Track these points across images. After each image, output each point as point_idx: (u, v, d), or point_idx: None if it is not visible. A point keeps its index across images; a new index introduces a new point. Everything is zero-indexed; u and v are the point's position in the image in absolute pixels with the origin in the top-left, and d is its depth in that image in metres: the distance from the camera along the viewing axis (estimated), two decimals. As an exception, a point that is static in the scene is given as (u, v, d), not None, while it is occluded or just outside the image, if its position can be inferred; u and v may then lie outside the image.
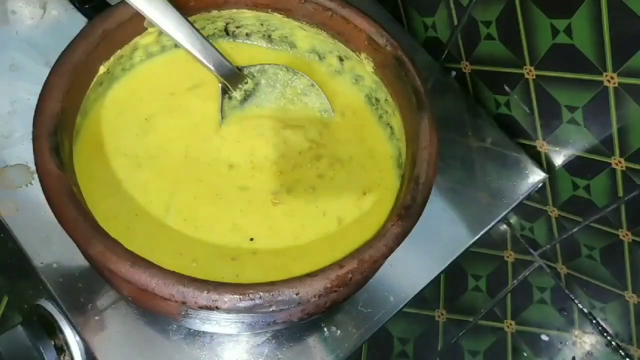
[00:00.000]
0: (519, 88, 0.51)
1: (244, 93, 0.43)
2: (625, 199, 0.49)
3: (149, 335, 0.40)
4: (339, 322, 0.43)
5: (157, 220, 0.37)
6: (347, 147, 0.42)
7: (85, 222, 0.30)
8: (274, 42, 0.46)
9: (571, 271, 0.59)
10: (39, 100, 0.34)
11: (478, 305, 0.61)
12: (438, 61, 0.58)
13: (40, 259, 0.41)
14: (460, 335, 0.60)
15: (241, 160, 0.40)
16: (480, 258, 0.62)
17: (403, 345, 0.60)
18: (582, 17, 0.43)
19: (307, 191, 0.40)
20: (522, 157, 0.53)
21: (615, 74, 0.43)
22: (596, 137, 0.48)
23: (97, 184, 0.37)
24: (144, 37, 0.41)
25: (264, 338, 0.42)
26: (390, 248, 0.33)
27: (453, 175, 0.51)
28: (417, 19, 0.58)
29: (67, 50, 0.36)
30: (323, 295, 0.31)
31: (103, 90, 0.41)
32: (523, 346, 0.60)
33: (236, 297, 0.29)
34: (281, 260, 0.37)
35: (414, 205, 0.34)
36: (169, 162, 0.39)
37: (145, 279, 0.29)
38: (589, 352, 0.59)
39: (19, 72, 0.48)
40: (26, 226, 0.42)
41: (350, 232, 0.38)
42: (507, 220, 0.63)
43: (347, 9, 0.41)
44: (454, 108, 0.55)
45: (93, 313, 0.40)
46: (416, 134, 0.37)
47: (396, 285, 0.45)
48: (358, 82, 0.45)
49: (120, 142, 0.39)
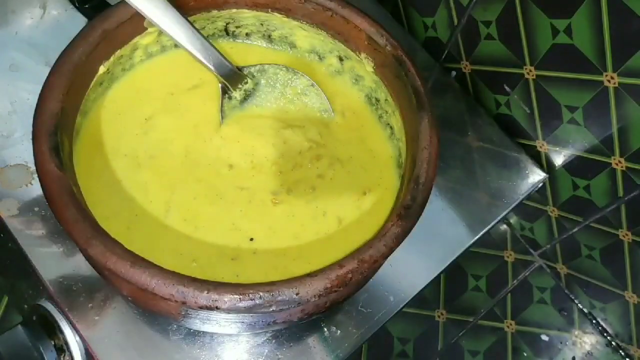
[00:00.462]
0: (519, 88, 0.51)
1: (244, 93, 0.43)
2: (626, 199, 0.49)
3: (149, 335, 0.40)
4: (339, 322, 0.43)
5: (157, 220, 0.37)
6: (347, 147, 0.42)
7: (85, 222, 0.30)
8: (274, 42, 0.46)
9: (571, 271, 0.59)
10: (39, 100, 0.34)
11: (478, 305, 0.61)
12: (438, 61, 0.58)
13: (40, 259, 0.41)
14: (460, 335, 0.60)
15: (241, 160, 0.40)
16: (480, 258, 0.62)
17: (403, 345, 0.60)
18: (582, 17, 0.43)
19: (307, 191, 0.40)
20: (522, 157, 0.53)
21: (616, 74, 0.43)
22: (596, 137, 0.48)
23: (97, 184, 0.37)
24: (144, 37, 0.41)
25: (264, 338, 0.42)
26: (390, 248, 0.33)
27: (453, 175, 0.51)
28: (417, 19, 0.58)
29: (67, 50, 0.36)
30: (323, 295, 0.31)
31: (103, 90, 0.41)
32: (523, 346, 0.60)
33: (236, 297, 0.29)
34: (281, 260, 0.37)
35: (414, 205, 0.34)
36: (169, 162, 0.39)
37: (145, 279, 0.29)
38: (589, 352, 0.59)
39: (19, 72, 0.48)
40: (26, 226, 0.42)
41: (350, 232, 0.38)
42: (507, 220, 0.63)
43: (347, 9, 0.41)
44: (454, 108, 0.55)
45: (93, 313, 0.40)
46: (416, 134, 0.37)
47: (396, 285, 0.45)
48: (358, 82, 0.45)
49: (120, 142, 0.39)
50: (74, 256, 0.41)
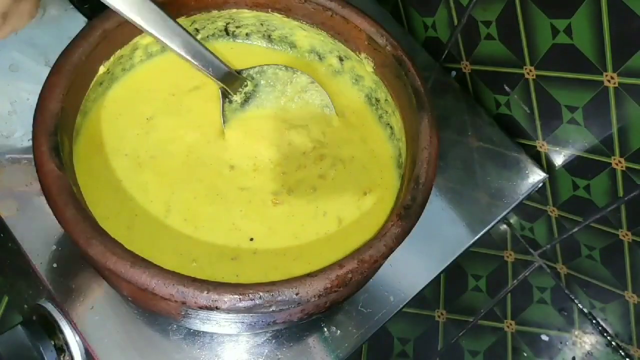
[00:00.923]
0: (519, 88, 0.51)
1: (244, 95, 0.43)
2: (626, 199, 0.49)
3: (149, 335, 0.40)
4: (339, 322, 0.43)
5: (157, 220, 0.37)
6: (348, 147, 0.42)
7: (85, 222, 0.30)
8: (274, 42, 0.46)
9: (571, 271, 0.59)
10: (39, 100, 0.34)
11: (478, 305, 0.61)
12: (438, 61, 0.58)
13: (40, 259, 0.41)
14: (460, 335, 0.60)
15: (243, 162, 0.40)
16: (480, 258, 0.62)
17: (403, 345, 0.60)
18: (582, 17, 0.43)
19: (308, 191, 0.40)
20: (522, 157, 0.53)
21: (616, 74, 0.43)
22: (596, 137, 0.48)
23: (97, 184, 0.37)
24: (144, 37, 0.40)
25: (264, 338, 0.42)
26: (390, 248, 0.33)
27: (453, 175, 0.51)
28: (417, 19, 0.58)
29: (67, 50, 0.36)
30: (323, 295, 0.31)
31: (103, 90, 0.41)
32: (523, 346, 0.60)
33: (236, 297, 0.29)
34: (281, 260, 0.37)
35: (414, 205, 0.34)
36: (169, 162, 0.39)
37: (145, 279, 0.29)
38: (589, 352, 0.59)
39: (19, 72, 0.48)
40: (26, 226, 0.42)
41: (350, 232, 0.38)
42: (507, 220, 0.63)
43: (347, 9, 0.41)
44: (454, 108, 0.55)
45: (93, 313, 0.40)
46: (416, 134, 0.37)
47: (396, 285, 0.45)
48: (358, 82, 0.45)
49: (120, 142, 0.39)
50: (74, 256, 0.41)
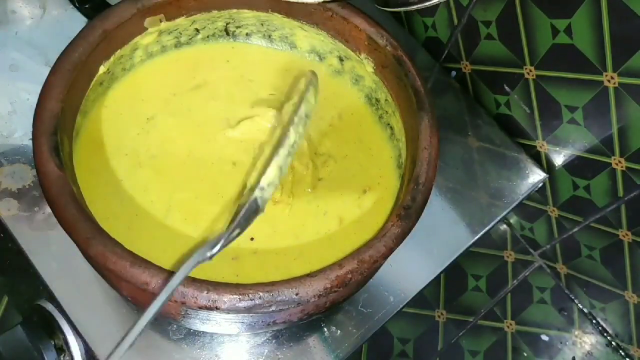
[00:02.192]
0: (519, 88, 0.51)
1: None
2: (626, 199, 0.49)
3: (149, 335, 0.40)
4: (339, 322, 0.43)
5: (157, 220, 0.37)
6: (348, 147, 0.42)
7: (85, 222, 0.30)
8: (274, 42, 0.46)
9: (571, 271, 0.59)
10: (39, 100, 0.34)
11: (478, 305, 0.61)
12: (438, 61, 0.58)
13: (40, 259, 0.41)
14: (460, 335, 0.60)
15: (244, 160, 0.40)
16: (480, 258, 0.62)
17: (403, 345, 0.60)
18: (582, 17, 0.43)
19: (308, 191, 0.40)
20: (522, 157, 0.53)
21: (616, 74, 0.43)
22: (596, 137, 0.48)
23: (97, 184, 0.37)
24: (144, 37, 0.40)
25: (264, 338, 0.42)
26: (390, 248, 0.33)
27: (453, 175, 0.51)
28: (417, 19, 0.58)
29: (67, 50, 0.36)
30: (323, 295, 0.31)
31: (103, 90, 0.41)
32: (523, 346, 0.60)
33: (236, 297, 0.29)
34: (281, 260, 0.37)
35: (414, 205, 0.34)
36: (170, 162, 0.39)
37: (145, 279, 0.29)
38: (589, 352, 0.59)
39: (19, 72, 0.48)
40: (26, 226, 0.42)
41: (350, 231, 0.38)
42: (507, 220, 0.63)
43: (347, 9, 0.41)
44: (454, 108, 0.55)
45: (93, 313, 0.40)
46: (416, 134, 0.37)
47: (396, 285, 0.45)
48: (358, 83, 0.44)
49: (120, 141, 0.39)
50: (74, 256, 0.41)
